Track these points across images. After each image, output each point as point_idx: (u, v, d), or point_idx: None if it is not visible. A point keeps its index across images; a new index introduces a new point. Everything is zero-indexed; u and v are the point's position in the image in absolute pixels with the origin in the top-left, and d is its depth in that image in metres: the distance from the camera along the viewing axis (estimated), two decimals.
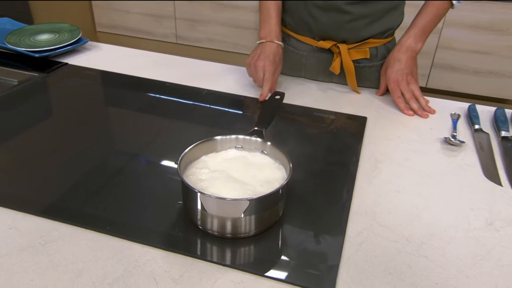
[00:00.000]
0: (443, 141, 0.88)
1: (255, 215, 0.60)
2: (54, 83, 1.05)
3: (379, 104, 1.02)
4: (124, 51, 1.25)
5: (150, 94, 1.02)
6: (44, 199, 0.67)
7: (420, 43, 1.00)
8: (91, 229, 0.61)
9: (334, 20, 1.00)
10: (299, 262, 0.58)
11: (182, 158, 0.64)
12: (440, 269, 0.58)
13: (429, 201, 0.71)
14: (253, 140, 0.70)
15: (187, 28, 3.03)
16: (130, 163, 0.77)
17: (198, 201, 0.59)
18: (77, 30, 1.25)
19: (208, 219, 0.60)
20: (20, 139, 0.82)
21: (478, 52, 2.51)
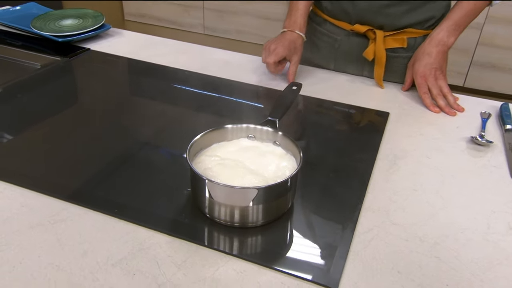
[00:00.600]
0: (470, 140, 0.86)
1: (263, 204, 0.61)
2: (75, 67, 1.09)
3: (404, 99, 1.01)
4: (146, 38, 1.28)
5: (168, 82, 1.05)
6: (57, 180, 0.70)
7: (452, 38, 0.98)
8: (100, 211, 0.64)
9: (372, 4, 1.00)
10: (304, 254, 0.59)
11: (191, 145, 0.65)
12: (452, 271, 0.58)
13: (448, 201, 0.70)
14: (264, 130, 0.71)
15: (215, 18, 3.06)
16: (143, 149, 0.79)
17: (206, 189, 0.61)
18: (100, 16, 1.29)
19: (216, 207, 0.62)
20: (39, 122, 0.86)
21: None
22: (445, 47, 0.98)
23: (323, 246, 0.60)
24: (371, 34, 1.04)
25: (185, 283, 0.54)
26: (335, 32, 1.10)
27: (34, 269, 0.55)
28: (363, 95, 1.02)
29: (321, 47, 1.13)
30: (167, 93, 1.00)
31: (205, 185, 0.61)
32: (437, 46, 0.98)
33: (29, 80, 1.02)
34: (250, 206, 0.60)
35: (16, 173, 0.71)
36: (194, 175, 0.62)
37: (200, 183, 0.62)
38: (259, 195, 0.59)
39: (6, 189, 0.68)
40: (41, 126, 0.85)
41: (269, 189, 0.60)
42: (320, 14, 1.12)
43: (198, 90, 1.01)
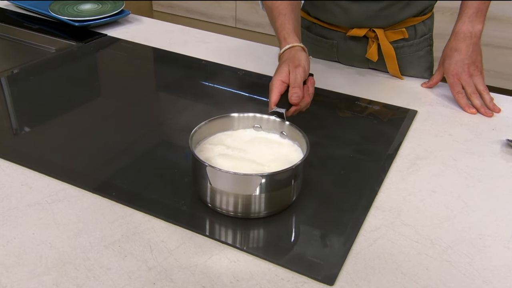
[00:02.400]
0: (505, 143, 0.87)
1: (267, 194, 0.64)
2: (89, 53, 1.16)
3: (434, 98, 1.02)
4: (165, 25, 1.35)
5: (183, 70, 1.10)
6: (58, 161, 0.76)
7: (479, 25, 0.98)
8: (98, 193, 0.69)
9: (366, 9, 1.01)
10: (303, 248, 0.62)
11: (194, 132, 0.70)
12: (463, 276, 0.59)
13: (469, 205, 0.71)
14: (271, 119, 0.74)
15: (248, 11, 3.12)
16: (147, 136, 0.85)
17: (207, 176, 0.65)
18: (120, 2, 1.37)
19: (217, 195, 0.65)
20: (49, 106, 0.93)
21: None
22: (474, 39, 0.98)
23: (324, 241, 0.63)
24: (370, 33, 1.05)
25: (175, 268, 0.58)
26: (330, 36, 1.11)
27: (27, 246, 0.61)
28: (387, 91, 1.04)
29: (319, 51, 1.13)
30: (178, 82, 1.05)
31: (206, 172, 0.65)
32: (465, 39, 0.98)
33: (42, 64, 1.10)
34: (254, 195, 0.64)
35: (18, 151, 0.78)
36: (195, 161, 0.67)
37: (201, 170, 0.66)
38: (262, 183, 0.63)
39: (8, 167, 0.74)
40: (47, 108, 0.92)
41: (273, 177, 0.63)
42: (309, 18, 1.12)
43: (212, 79, 1.06)
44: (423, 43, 1.10)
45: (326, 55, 1.15)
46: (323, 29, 1.12)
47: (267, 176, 0.63)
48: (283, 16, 0.91)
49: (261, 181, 0.63)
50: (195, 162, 0.67)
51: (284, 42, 0.88)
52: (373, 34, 1.05)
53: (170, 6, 3.42)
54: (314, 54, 1.13)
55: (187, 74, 1.09)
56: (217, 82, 1.05)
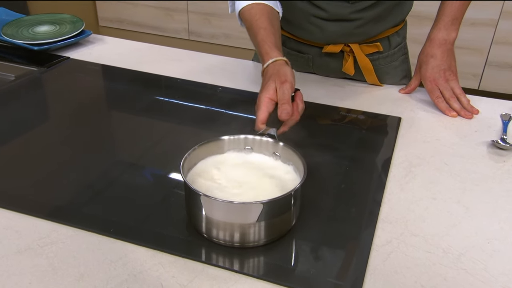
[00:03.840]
0: (490, 144, 0.90)
1: (266, 221, 0.63)
2: (54, 78, 1.11)
3: (415, 103, 1.05)
4: (131, 44, 1.31)
5: (159, 91, 1.08)
6: (42, 199, 0.72)
7: (453, 33, 1.02)
8: (94, 231, 0.66)
9: (341, 27, 1.04)
10: (319, 271, 0.61)
11: (185, 159, 0.68)
12: (481, 283, 0.60)
13: (471, 210, 0.73)
14: (264, 140, 0.74)
15: (201, 22, 3.11)
16: (134, 166, 0.82)
17: (202, 206, 0.63)
18: (79, 22, 1.33)
19: (214, 226, 0.64)
20: (17, 138, 0.88)
21: None
22: (449, 45, 1.02)
23: (338, 261, 0.63)
24: (345, 48, 1.08)
25: None
26: (305, 51, 1.12)
27: None
28: (368, 99, 1.06)
29: (294, 64, 1.02)
30: (157, 104, 1.03)
31: (201, 202, 0.63)
32: (440, 46, 1.02)
33: (3, 93, 1.04)
34: (253, 223, 0.62)
35: None
36: (189, 191, 0.65)
37: (195, 200, 0.64)
38: (262, 211, 0.62)
39: None
40: (19, 143, 0.87)
41: (273, 204, 0.62)
42: (285, 33, 1.11)
43: (192, 99, 1.04)
44: (397, 53, 1.13)
45: (302, 68, 1.15)
46: (298, 44, 1.13)
47: (267, 203, 0.62)
48: (263, 30, 0.91)
49: (260, 209, 0.62)
50: (189, 191, 0.65)
51: (266, 56, 0.88)
52: (348, 48, 1.08)
53: (118, 21, 3.36)
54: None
55: (164, 95, 1.06)
56: (197, 101, 1.04)
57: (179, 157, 0.67)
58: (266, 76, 0.86)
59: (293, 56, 1.14)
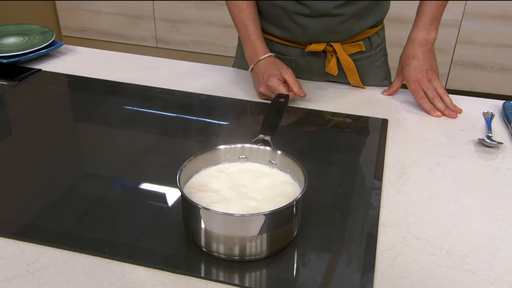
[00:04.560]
0: (477, 143, 0.91)
1: (268, 233, 0.61)
2: (26, 92, 1.06)
3: (399, 105, 1.05)
4: (103, 54, 1.27)
5: (138, 101, 1.04)
6: (25, 221, 0.68)
7: (433, 32, 1.03)
8: (86, 252, 0.63)
9: (323, 24, 1.04)
10: (326, 281, 0.60)
11: (181, 171, 0.65)
12: (488, 284, 0.60)
13: (468, 209, 0.73)
14: (261, 149, 0.72)
15: (169, 29, 3.07)
16: (120, 181, 0.79)
17: (201, 219, 0.61)
18: (49, 32, 1.28)
19: (214, 240, 0.62)
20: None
21: (504, 46, 2.58)
22: (429, 45, 1.04)
23: (344, 269, 0.62)
24: (328, 48, 1.07)
25: None
26: (287, 53, 1.12)
27: None
28: (353, 102, 1.06)
29: None
30: (138, 115, 0.99)
31: (200, 215, 0.61)
32: (421, 46, 1.03)
33: None
34: (255, 235, 0.61)
35: None
36: (187, 205, 0.63)
37: (194, 213, 0.62)
38: (264, 223, 0.60)
39: None
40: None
41: (274, 215, 0.60)
42: (266, 36, 1.11)
43: (174, 108, 1.01)
44: (378, 53, 1.14)
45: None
46: (280, 46, 1.12)
47: (269, 215, 0.60)
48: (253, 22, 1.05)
49: (262, 220, 0.60)
50: (187, 205, 0.63)
51: (260, 50, 1.04)
52: (331, 48, 1.07)
53: (81, 30, 3.27)
54: None
55: (144, 105, 1.03)
56: (180, 111, 1.01)
57: (166, 170, 0.64)
58: (263, 67, 1.01)
59: (277, 56, 1.11)
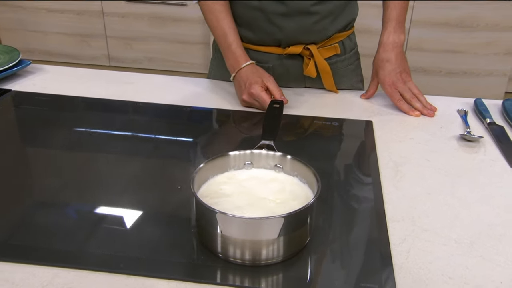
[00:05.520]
0: (459, 138, 0.96)
1: (286, 236, 0.61)
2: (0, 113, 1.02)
3: (378, 108, 1.09)
4: (75, 71, 1.24)
5: (122, 116, 1.02)
6: (32, 244, 0.65)
7: (402, 35, 1.09)
8: (101, 270, 0.60)
9: (300, 24, 1.07)
10: (349, 278, 0.61)
11: (194, 178, 0.65)
12: (499, 267, 0.63)
13: (465, 200, 0.77)
14: (270, 154, 0.73)
15: (122, 47, 3.03)
16: (123, 194, 0.77)
17: (218, 224, 0.61)
18: (15, 51, 1.23)
19: (231, 245, 0.61)
20: None
21: (450, 52, 2.73)
22: (400, 47, 1.09)
23: (363, 267, 0.63)
24: (305, 51, 1.10)
25: None
26: (264, 60, 1.13)
27: None
28: (334, 107, 1.08)
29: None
30: (124, 128, 0.97)
31: (217, 220, 0.61)
32: (393, 49, 1.08)
33: None
34: (274, 239, 0.61)
35: None
36: (202, 210, 0.62)
37: (210, 219, 0.62)
38: (283, 226, 0.60)
39: None
40: None
41: (293, 217, 0.61)
42: (244, 45, 1.10)
43: (163, 120, 1.00)
44: (353, 57, 1.19)
45: None
46: (257, 54, 1.13)
47: (287, 217, 0.60)
48: (233, 31, 1.07)
49: (281, 223, 0.60)
50: (203, 210, 0.62)
51: (241, 58, 1.05)
52: (307, 52, 1.10)
53: (27, 51, 3.16)
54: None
55: (130, 119, 1.01)
56: (170, 124, 1.00)
57: (168, 180, 0.64)
58: (244, 75, 1.04)
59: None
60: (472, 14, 2.62)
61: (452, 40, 2.69)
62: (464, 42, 2.69)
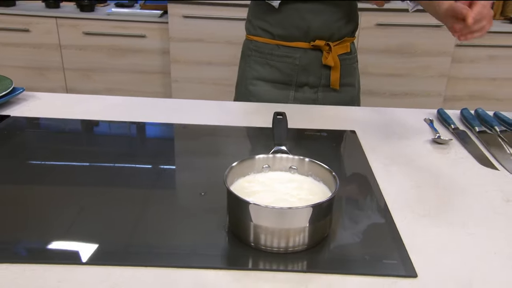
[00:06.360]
0: (432, 142, 1.08)
1: (313, 224, 0.69)
2: (4, 137, 1.03)
3: (357, 120, 1.20)
4: (69, 97, 1.28)
5: (127, 138, 1.07)
6: (82, 247, 0.69)
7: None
8: (152, 265, 0.66)
9: (325, 21, 1.32)
10: (370, 259, 0.69)
11: (227, 176, 0.73)
12: (488, 242, 0.74)
13: (452, 190, 0.89)
14: (290, 157, 0.81)
15: (80, 78, 3.02)
16: (148, 205, 0.82)
17: (251, 215, 0.68)
18: (6, 79, 1.25)
19: (263, 234, 0.68)
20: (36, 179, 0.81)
21: (392, 75, 2.95)
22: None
23: (380, 248, 0.72)
24: (325, 47, 1.34)
25: None
26: (293, 52, 1.36)
27: None
28: (319, 120, 1.19)
29: (282, 67, 1.38)
30: (139, 149, 1.02)
31: (249, 211, 0.68)
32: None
33: None
34: (304, 227, 0.69)
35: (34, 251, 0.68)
36: (236, 202, 0.69)
37: (243, 210, 0.69)
38: (312, 214, 0.68)
39: (26, 270, 0.64)
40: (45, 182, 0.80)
41: (319, 206, 0.69)
42: (270, 42, 1.36)
43: (181, 140, 1.06)
44: (354, 58, 1.43)
45: (289, 70, 1.37)
46: (287, 48, 1.35)
47: (315, 206, 0.68)
48: None
49: (310, 212, 0.68)
50: (236, 202, 0.69)
51: None
52: (327, 47, 1.32)
53: None
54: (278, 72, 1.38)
55: (140, 140, 1.06)
56: (188, 140, 1.06)
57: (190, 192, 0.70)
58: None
59: (283, 58, 1.36)
60: (410, 42, 2.85)
61: (394, 65, 2.92)
62: (404, 66, 2.92)
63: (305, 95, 1.40)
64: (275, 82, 1.40)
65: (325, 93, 1.40)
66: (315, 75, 1.38)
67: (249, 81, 1.41)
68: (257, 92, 1.40)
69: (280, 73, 1.38)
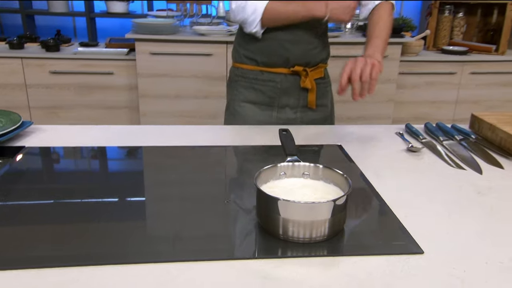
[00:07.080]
0: (407, 150, 1.25)
1: (334, 217, 0.81)
2: (25, 167, 1.09)
3: (341, 136, 1.36)
4: (70, 129, 1.35)
5: (147, 160, 1.16)
6: (104, 251, 0.77)
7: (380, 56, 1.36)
8: (197, 259, 0.76)
9: (302, 50, 1.49)
10: (382, 243, 0.82)
11: (257, 177, 0.85)
12: (491, 224, 0.90)
13: (433, 188, 1.04)
14: (307, 165, 0.94)
15: (47, 116, 3.02)
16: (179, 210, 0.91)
17: (279, 209, 0.79)
18: (13, 114, 1.30)
19: (290, 226, 0.80)
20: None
21: (347, 101, 3.16)
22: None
23: (389, 235, 0.85)
24: (303, 72, 1.51)
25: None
26: (275, 77, 1.52)
27: None
28: (308, 137, 1.33)
29: (265, 90, 1.54)
30: (161, 170, 1.11)
31: (278, 206, 0.79)
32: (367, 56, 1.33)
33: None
34: (327, 219, 0.81)
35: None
36: (266, 199, 0.81)
37: (272, 206, 0.80)
38: (334, 207, 0.81)
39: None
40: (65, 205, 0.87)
41: (340, 201, 0.82)
42: (255, 68, 1.53)
43: (192, 160, 1.15)
44: (328, 82, 1.59)
45: (271, 94, 1.53)
46: (269, 74, 1.52)
47: (336, 200, 0.81)
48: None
49: (332, 206, 0.81)
50: (266, 199, 0.81)
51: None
52: (304, 72, 1.48)
53: None
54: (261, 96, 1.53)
55: (160, 162, 1.15)
56: (201, 160, 1.15)
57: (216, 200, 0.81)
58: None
59: (267, 82, 1.52)
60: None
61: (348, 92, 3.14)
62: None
63: (286, 115, 1.56)
64: (260, 103, 1.55)
65: (303, 113, 1.57)
66: (295, 97, 1.55)
67: (237, 103, 1.56)
68: (244, 113, 1.55)
69: (264, 96, 1.54)
